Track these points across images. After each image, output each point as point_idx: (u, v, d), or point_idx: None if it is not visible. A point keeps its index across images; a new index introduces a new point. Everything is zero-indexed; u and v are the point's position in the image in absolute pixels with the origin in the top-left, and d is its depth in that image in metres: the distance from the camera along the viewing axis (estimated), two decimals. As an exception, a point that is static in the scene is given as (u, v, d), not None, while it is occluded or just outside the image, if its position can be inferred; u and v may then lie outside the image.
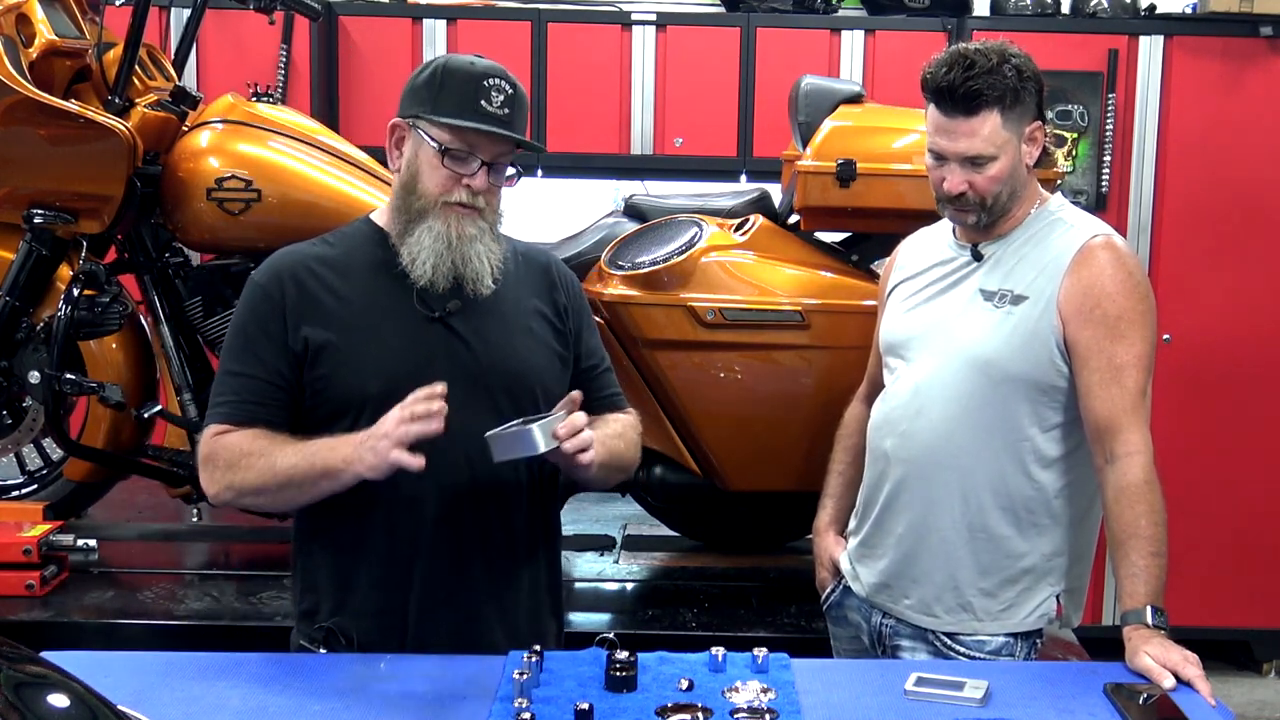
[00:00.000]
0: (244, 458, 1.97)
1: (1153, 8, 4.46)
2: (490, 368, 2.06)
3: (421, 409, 1.86)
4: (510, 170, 2.08)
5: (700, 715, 1.73)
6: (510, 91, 2.02)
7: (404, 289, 2.04)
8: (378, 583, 2.04)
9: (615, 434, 2.15)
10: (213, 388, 2.09)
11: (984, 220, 2.18)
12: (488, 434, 1.92)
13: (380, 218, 2.13)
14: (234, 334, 2.08)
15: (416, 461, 1.85)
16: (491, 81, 2.01)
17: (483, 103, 1.99)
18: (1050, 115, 4.31)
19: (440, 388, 1.88)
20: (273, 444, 1.97)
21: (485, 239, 2.05)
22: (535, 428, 1.89)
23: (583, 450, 1.94)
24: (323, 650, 2.04)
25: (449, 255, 2.01)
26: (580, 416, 1.96)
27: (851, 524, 2.41)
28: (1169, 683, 1.86)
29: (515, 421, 1.94)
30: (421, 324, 2.04)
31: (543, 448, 1.89)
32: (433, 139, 2.01)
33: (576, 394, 1.99)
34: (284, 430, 2.01)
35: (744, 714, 1.74)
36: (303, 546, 2.12)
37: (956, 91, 2.10)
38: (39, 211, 3.03)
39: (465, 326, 2.05)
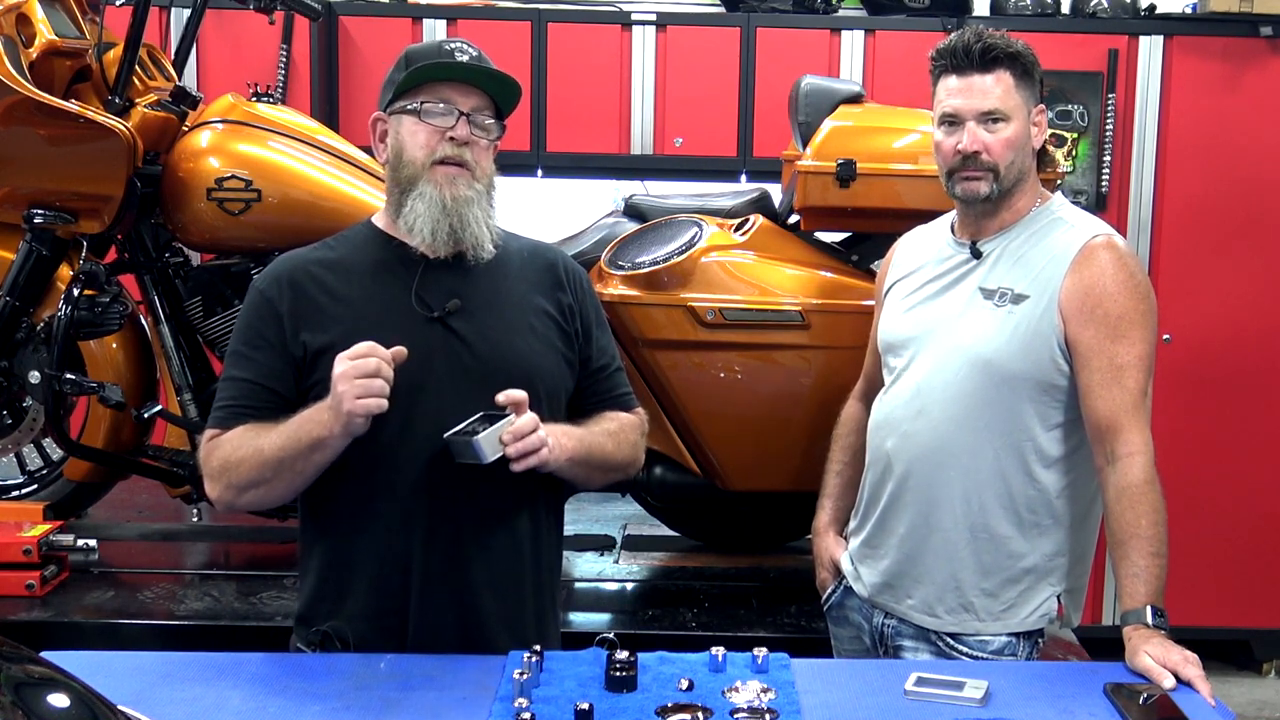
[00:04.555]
0: (235, 453, 1.98)
1: (1153, 8, 4.46)
2: (490, 367, 2.04)
3: (365, 387, 1.85)
4: (493, 123, 2.07)
5: (700, 715, 1.73)
6: (476, 52, 2.05)
7: (403, 290, 2.04)
8: (373, 586, 2.03)
9: (606, 431, 2.14)
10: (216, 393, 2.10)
11: (995, 191, 2.18)
12: (445, 435, 1.93)
13: (380, 220, 2.13)
14: (234, 339, 2.09)
15: (377, 405, 1.86)
16: (454, 44, 2.06)
17: (444, 60, 2.03)
18: (1050, 115, 4.32)
19: (400, 352, 1.89)
20: (258, 433, 1.97)
21: (482, 203, 2.05)
22: (482, 439, 1.88)
23: (531, 453, 1.92)
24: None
25: (445, 219, 2.01)
26: (527, 421, 1.92)
27: (852, 524, 2.40)
28: (1169, 683, 1.86)
29: (473, 418, 1.92)
30: (420, 324, 2.02)
31: (489, 457, 1.89)
32: (408, 104, 2.03)
33: (521, 395, 1.95)
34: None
35: (744, 714, 1.74)
36: (304, 551, 2.12)
37: (972, 49, 2.15)
38: (39, 211, 3.03)
39: (465, 326, 2.04)
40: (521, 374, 2.06)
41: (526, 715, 1.69)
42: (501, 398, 1.94)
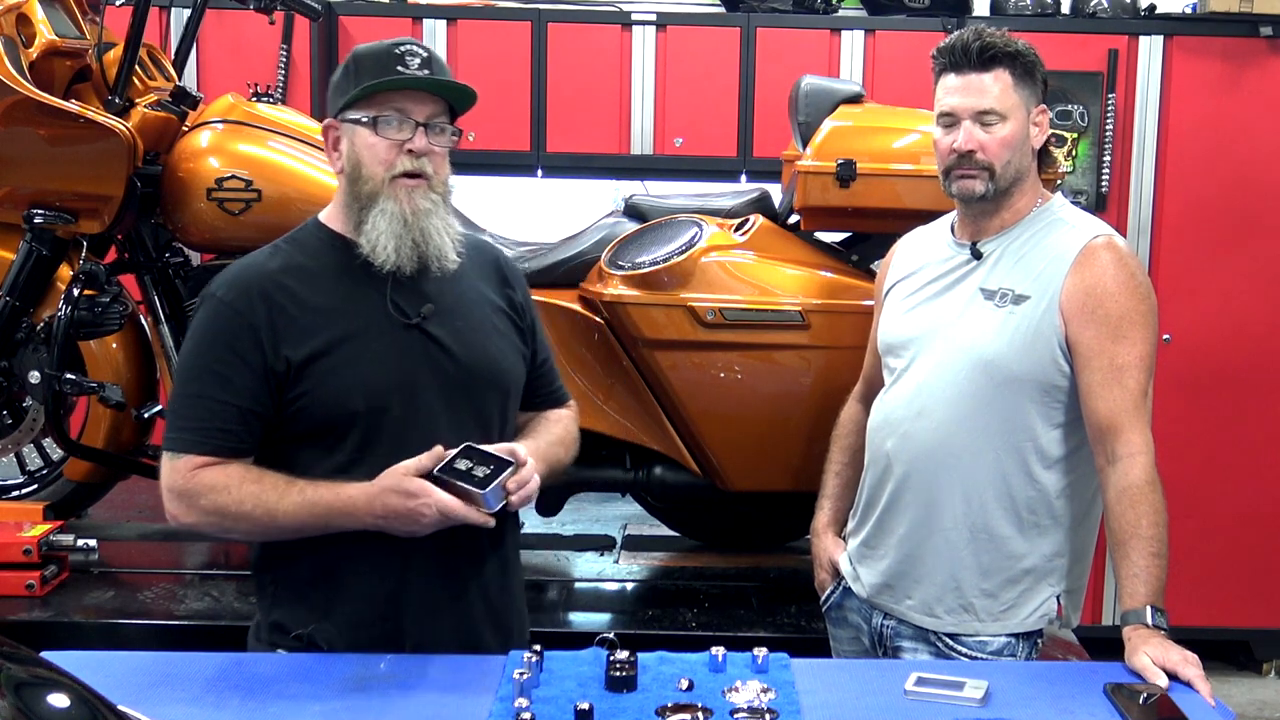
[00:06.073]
0: (238, 506, 1.92)
1: (1153, 8, 4.46)
2: (469, 372, 2.04)
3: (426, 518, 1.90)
4: (450, 130, 2.04)
5: (700, 715, 1.73)
6: (425, 54, 2.00)
7: (376, 295, 2.00)
8: (368, 594, 2.01)
9: (556, 440, 2.17)
10: (173, 408, 2.00)
11: (990, 190, 2.18)
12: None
13: (335, 222, 2.06)
14: (199, 353, 1.98)
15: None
16: (404, 48, 1.99)
17: (399, 68, 1.97)
18: (1050, 115, 4.32)
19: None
20: (262, 488, 1.92)
21: (440, 212, 2.02)
22: (490, 492, 1.89)
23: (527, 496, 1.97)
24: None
25: (408, 234, 1.98)
26: (529, 470, 1.95)
27: (851, 524, 2.40)
28: (1163, 681, 1.86)
29: (454, 451, 1.92)
30: (399, 332, 2.00)
31: (496, 508, 1.92)
32: (362, 116, 1.98)
33: (522, 450, 1.97)
34: (253, 453, 1.97)
35: (744, 714, 1.74)
36: (280, 558, 2.04)
37: (971, 47, 2.15)
38: (39, 211, 3.03)
39: (441, 331, 2.03)
40: (497, 377, 2.09)
41: (526, 715, 1.69)
42: (501, 451, 1.95)
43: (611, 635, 1.90)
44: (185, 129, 3.13)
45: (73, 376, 3.02)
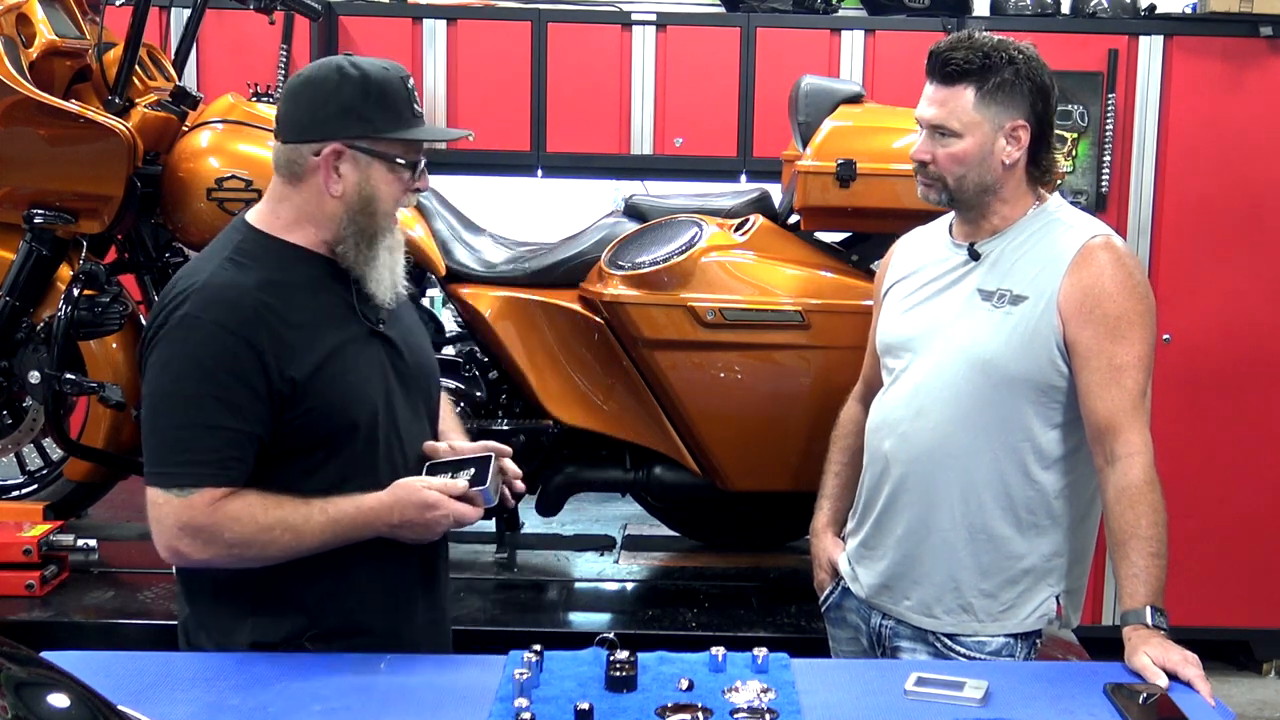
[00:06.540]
0: (264, 534, 1.88)
1: (1153, 8, 4.46)
2: (420, 372, 2.10)
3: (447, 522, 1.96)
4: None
5: (700, 715, 1.73)
6: (415, 88, 2.03)
7: (345, 305, 2.00)
8: (368, 605, 2.01)
9: (456, 426, 2.23)
10: (173, 440, 1.89)
11: (944, 199, 2.20)
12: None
13: (284, 230, 1.99)
14: (198, 380, 1.87)
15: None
16: (410, 84, 1.99)
17: (415, 107, 1.98)
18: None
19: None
20: (285, 512, 1.89)
21: (400, 241, 2.07)
22: (490, 487, 1.95)
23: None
24: None
25: (395, 265, 2.03)
26: (509, 460, 2.04)
27: (850, 525, 2.40)
28: (1163, 681, 1.86)
29: (438, 466, 1.99)
30: (368, 339, 2.01)
31: (494, 503, 1.99)
32: (390, 156, 1.95)
33: (492, 443, 2.05)
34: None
35: (744, 714, 1.74)
36: (268, 570, 1.95)
37: (940, 57, 2.15)
38: (39, 211, 3.03)
39: (395, 334, 2.06)
40: (436, 373, 2.17)
41: (526, 715, 1.69)
42: (475, 450, 2.05)
43: (611, 635, 1.90)
44: (185, 129, 3.13)
45: (73, 376, 3.02)
